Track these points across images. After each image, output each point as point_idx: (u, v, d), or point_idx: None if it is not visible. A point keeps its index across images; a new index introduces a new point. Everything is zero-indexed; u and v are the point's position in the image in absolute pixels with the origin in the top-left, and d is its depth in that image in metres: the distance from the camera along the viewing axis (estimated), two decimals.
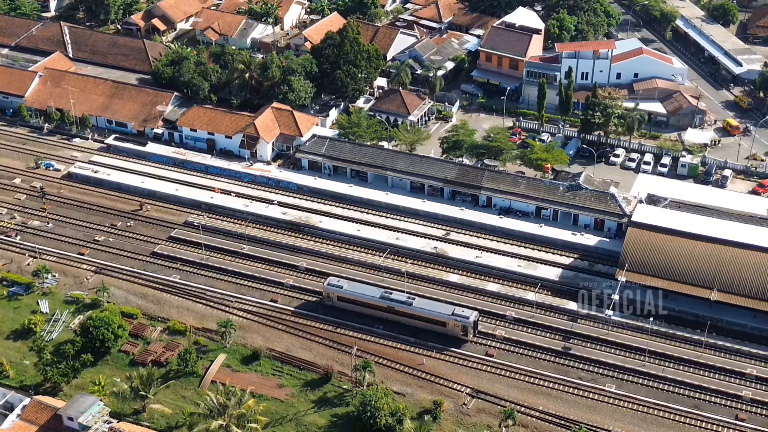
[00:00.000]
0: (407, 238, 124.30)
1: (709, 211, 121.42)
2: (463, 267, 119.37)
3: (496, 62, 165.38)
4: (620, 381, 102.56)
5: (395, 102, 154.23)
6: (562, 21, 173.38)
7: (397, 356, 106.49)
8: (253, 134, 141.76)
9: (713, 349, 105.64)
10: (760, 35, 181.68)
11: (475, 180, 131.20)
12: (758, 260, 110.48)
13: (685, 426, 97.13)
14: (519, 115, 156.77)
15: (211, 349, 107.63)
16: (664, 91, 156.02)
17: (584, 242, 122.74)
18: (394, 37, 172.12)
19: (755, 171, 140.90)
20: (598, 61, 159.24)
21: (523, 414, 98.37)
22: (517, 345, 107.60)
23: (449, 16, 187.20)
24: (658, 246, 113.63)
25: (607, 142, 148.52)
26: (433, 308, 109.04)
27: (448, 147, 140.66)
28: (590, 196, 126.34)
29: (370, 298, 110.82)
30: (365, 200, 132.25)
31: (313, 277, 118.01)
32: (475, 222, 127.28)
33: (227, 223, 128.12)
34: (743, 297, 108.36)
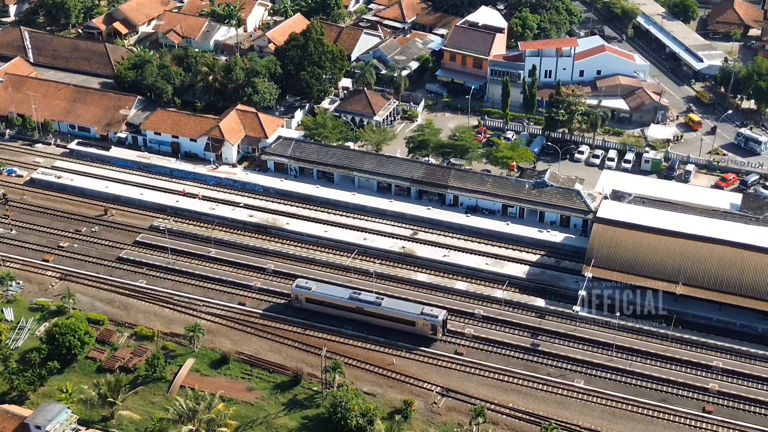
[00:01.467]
0: (375, 238, 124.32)
1: (672, 205, 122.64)
2: (431, 266, 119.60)
3: (460, 61, 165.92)
4: (589, 376, 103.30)
5: (360, 102, 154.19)
6: (524, 19, 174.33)
7: (366, 357, 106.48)
8: (218, 137, 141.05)
9: (679, 342, 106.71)
10: (720, 31, 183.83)
11: (441, 179, 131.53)
12: (722, 253, 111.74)
13: (654, 419, 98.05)
14: (484, 114, 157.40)
15: (179, 354, 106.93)
16: (626, 88, 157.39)
17: (551, 239, 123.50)
18: (358, 37, 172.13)
19: (717, 165, 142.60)
20: (561, 58, 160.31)
21: (493, 411, 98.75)
22: (486, 343, 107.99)
23: (413, 16, 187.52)
24: (623, 241, 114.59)
25: (571, 139, 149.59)
26: (401, 308, 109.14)
27: (414, 146, 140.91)
28: (556, 193, 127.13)
29: (338, 299, 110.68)
30: (332, 201, 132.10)
31: (281, 279, 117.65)
32: (442, 221, 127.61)
33: (193, 226, 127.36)
34: (708, 290, 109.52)
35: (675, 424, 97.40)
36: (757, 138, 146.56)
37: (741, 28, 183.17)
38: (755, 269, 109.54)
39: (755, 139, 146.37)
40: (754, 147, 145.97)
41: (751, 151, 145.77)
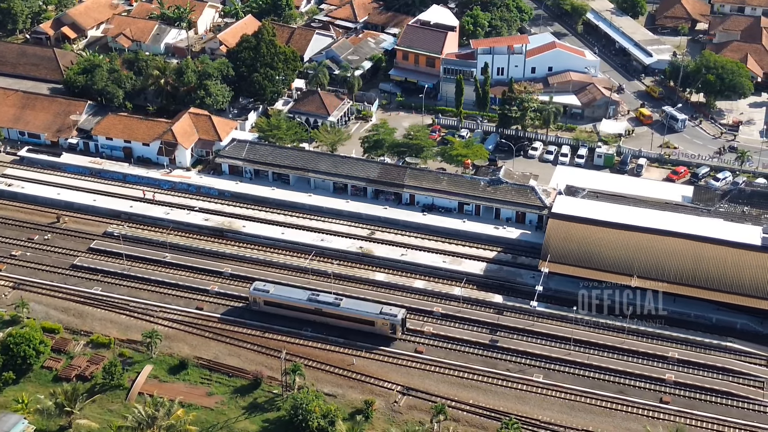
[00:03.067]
0: (332, 239, 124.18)
1: (626, 199, 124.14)
2: (389, 265, 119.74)
3: (413, 60, 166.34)
4: (547, 370, 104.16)
5: (314, 103, 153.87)
6: (476, 17, 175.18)
7: (326, 358, 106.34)
8: (171, 140, 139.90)
9: (635, 334, 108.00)
10: (668, 26, 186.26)
11: (397, 178, 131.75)
12: (675, 246, 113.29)
13: (612, 411, 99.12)
14: (438, 112, 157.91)
15: (137, 361, 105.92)
16: (578, 84, 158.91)
17: (507, 235, 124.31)
18: (310, 38, 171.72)
19: (668, 159, 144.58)
20: (512, 56, 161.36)
21: (454, 408, 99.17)
22: (446, 340, 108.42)
23: (364, 16, 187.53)
24: (578, 236, 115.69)
25: (524, 135, 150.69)
26: (360, 308, 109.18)
27: (369, 146, 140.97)
28: (510, 190, 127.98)
29: (297, 301, 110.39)
30: (288, 203, 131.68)
31: (238, 283, 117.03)
32: (399, 220, 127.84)
33: (148, 231, 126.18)
34: (662, 282, 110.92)
35: (633, 415, 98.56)
36: (676, 116, 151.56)
37: (688, 22, 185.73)
38: (708, 260, 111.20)
39: (674, 117, 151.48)
40: (673, 124, 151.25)
41: (671, 127, 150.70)
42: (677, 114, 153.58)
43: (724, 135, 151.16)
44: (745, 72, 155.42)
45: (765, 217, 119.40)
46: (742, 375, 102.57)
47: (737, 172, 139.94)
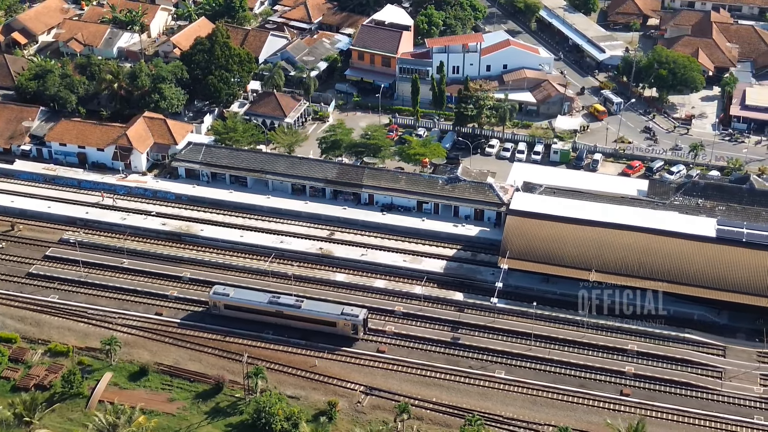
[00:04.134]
0: (292, 240, 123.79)
1: (582, 194, 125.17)
2: (349, 266, 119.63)
3: (369, 60, 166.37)
4: (509, 366, 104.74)
5: (270, 105, 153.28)
6: (430, 16, 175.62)
7: (288, 360, 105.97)
8: (126, 145, 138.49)
9: (595, 328, 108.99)
10: (620, 22, 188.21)
11: (355, 178, 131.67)
12: (632, 239, 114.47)
13: (574, 405, 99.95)
14: (394, 112, 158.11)
15: (96, 369, 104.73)
16: (532, 81, 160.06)
17: (466, 233, 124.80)
18: (265, 39, 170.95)
19: (623, 153, 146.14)
20: (467, 54, 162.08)
21: (418, 407, 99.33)
22: (408, 339, 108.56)
23: (319, 17, 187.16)
24: (536, 232, 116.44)
25: (481, 133, 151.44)
26: (322, 309, 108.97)
27: (326, 147, 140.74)
28: (469, 188, 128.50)
29: (257, 304, 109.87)
30: (246, 205, 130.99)
31: (198, 287, 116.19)
32: (358, 220, 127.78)
33: (105, 237, 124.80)
34: (620, 276, 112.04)
35: (594, 408, 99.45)
36: (612, 99, 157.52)
37: (640, 18, 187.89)
38: (664, 253, 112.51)
39: (610, 100, 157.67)
40: (609, 107, 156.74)
41: (609, 111, 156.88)
42: (613, 97, 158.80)
43: (678, 129, 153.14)
44: (696, 66, 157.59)
45: (719, 209, 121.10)
46: (700, 365, 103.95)
47: (691, 165, 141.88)
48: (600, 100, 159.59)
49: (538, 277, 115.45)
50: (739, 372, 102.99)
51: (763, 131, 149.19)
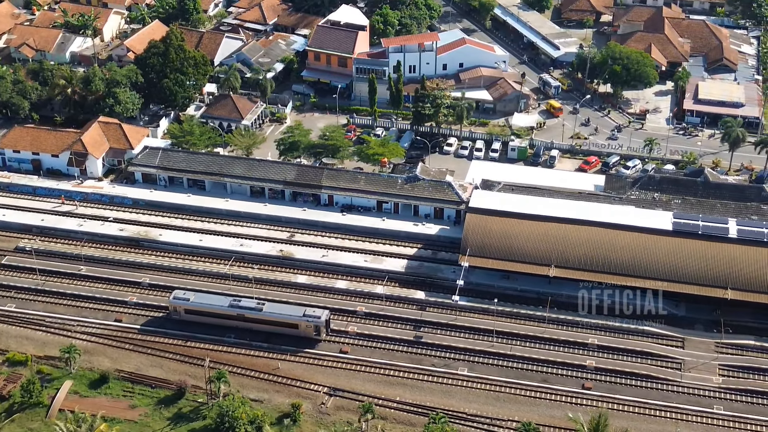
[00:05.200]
0: (251, 243, 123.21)
1: (540, 191, 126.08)
2: (310, 267, 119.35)
3: (325, 61, 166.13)
4: (472, 363, 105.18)
5: (227, 107, 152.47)
6: (385, 16, 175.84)
7: (251, 363, 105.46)
8: (81, 151, 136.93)
9: (556, 323, 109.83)
10: (573, 18, 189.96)
11: (314, 179, 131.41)
12: (590, 234, 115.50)
13: (537, 400, 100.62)
14: (352, 112, 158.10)
15: (56, 377, 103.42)
16: (488, 79, 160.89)
17: (426, 232, 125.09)
18: (220, 41, 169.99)
19: (580, 149, 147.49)
20: (423, 53, 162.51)
21: (382, 406, 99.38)
22: (370, 339, 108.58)
23: (274, 18, 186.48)
24: (496, 229, 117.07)
25: (439, 132, 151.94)
26: (283, 311, 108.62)
27: (284, 149, 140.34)
28: (428, 187, 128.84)
29: (218, 308, 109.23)
30: (205, 209, 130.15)
31: (157, 292, 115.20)
32: (318, 221, 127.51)
33: (62, 245, 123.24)
34: (579, 271, 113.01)
35: (557, 403, 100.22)
36: (551, 82, 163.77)
37: (593, 14, 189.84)
38: (622, 247, 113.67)
39: (548, 83, 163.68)
40: (547, 90, 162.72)
41: (546, 93, 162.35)
42: (551, 80, 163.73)
43: (632, 124, 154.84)
44: (649, 62, 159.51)
45: (675, 202, 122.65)
46: (660, 357, 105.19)
47: (646, 159, 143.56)
48: (539, 83, 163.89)
49: (498, 274, 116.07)
50: (697, 363, 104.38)
51: (716, 124, 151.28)
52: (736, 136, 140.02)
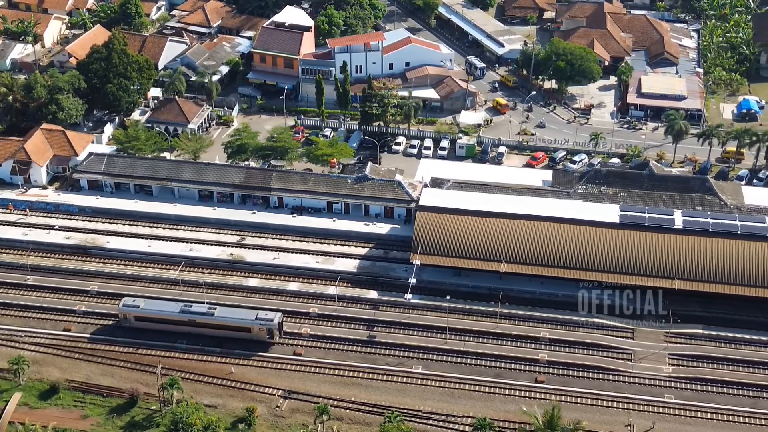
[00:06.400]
0: (201, 248, 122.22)
1: (489, 187, 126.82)
2: (261, 270, 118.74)
3: (271, 62, 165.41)
4: (426, 361, 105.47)
5: (172, 111, 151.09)
6: (330, 17, 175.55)
7: (204, 369, 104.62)
8: (24, 159, 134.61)
9: (508, 318, 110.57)
10: (517, 16, 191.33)
11: (263, 182, 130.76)
12: (539, 229, 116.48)
13: (491, 395, 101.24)
14: (300, 113, 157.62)
15: (4, 389, 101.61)
16: (435, 78, 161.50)
17: (377, 231, 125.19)
18: (163, 45, 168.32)
19: (527, 145, 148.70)
20: (369, 53, 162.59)
21: (337, 407, 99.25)
22: (324, 340, 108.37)
23: (218, 20, 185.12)
24: (447, 226, 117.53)
25: (387, 131, 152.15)
26: (235, 315, 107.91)
27: (232, 151, 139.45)
28: (378, 186, 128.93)
29: (169, 314, 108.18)
30: (153, 214, 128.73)
31: (107, 300, 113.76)
32: (268, 224, 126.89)
33: (6, 254, 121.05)
34: (529, 265, 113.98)
35: (511, 397, 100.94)
36: (476, 64, 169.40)
37: (536, 11, 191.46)
38: (570, 240, 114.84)
39: (474, 65, 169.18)
40: (474, 72, 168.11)
41: (473, 75, 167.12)
42: (477, 63, 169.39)
43: (578, 119, 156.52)
44: (593, 57, 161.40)
45: (621, 195, 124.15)
46: (611, 349, 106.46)
47: (592, 154, 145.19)
48: (466, 66, 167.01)
49: (450, 271, 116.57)
50: (648, 353, 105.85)
51: (659, 118, 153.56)
52: (679, 128, 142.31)
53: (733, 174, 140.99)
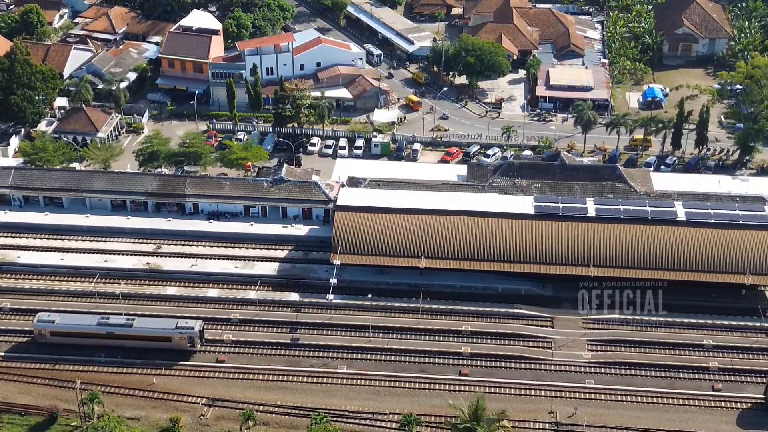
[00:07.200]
0: (117, 258, 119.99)
1: (406, 184, 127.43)
2: (180, 278, 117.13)
3: (180, 67, 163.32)
4: (350, 360, 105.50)
5: (80, 120, 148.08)
6: (238, 19, 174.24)
7: (125, 381, 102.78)
8: None
9: (429, 313, 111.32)
10: (425, 13, 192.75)
11: (178, 188, 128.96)
12: (456, 224, 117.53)
13: (416, 391, 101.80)
14: (212, 118, 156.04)
15: None
16: (347, 77, 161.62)
17: (296, 233, 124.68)
18: (68, 53, 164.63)
19: (441, 141, 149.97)
20: (280, 55, 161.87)
21: (263, 412, 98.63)
22: (247, 345, 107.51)
23: (123, 26, 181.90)
24: (365, 225, 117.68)
25: (302, 132, 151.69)
26: (155, 325, 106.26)
27: (144, 159, 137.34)
28: (294, 188, 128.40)
29: (86, 328, 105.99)
30: (64, 227, 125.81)
31: (20, 317, 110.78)
32: (185, 231, 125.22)
33: None
34: (448, 260, 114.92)
35: (436, 391, 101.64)
36: (373, 51, 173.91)
37: (444, 8, 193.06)
38: (488, 233, 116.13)
39: (371, 52, 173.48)
40: (370, 59, 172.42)
41: (371, 63, 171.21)
42: (373, 50, 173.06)
43: (489, 113, 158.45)
44: (501, 51, 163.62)
45: (535, 186, 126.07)
46: (531, 338, 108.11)
47: (505, 147, 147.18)
48: (369, 56, 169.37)
49: (371, 270, 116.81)
50: (567, 340, 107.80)
51: (568, 109, 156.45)
52: (588, 118, 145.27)
53: (642, 161, 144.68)
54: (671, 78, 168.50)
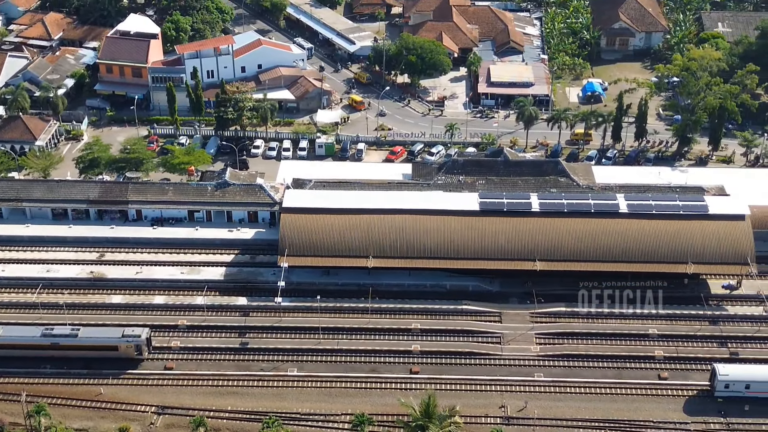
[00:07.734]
0: (59, 268, 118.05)
1: (352, 184, 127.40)
2: (125, 286, 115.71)
3: (118, 72, 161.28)
4: (300, 363, 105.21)
5: (18, 129, 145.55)
6: (177, 23, 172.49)
7: (71, 392, 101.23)
8: None
9: (379, 313, 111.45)
10: (365, 12, 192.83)
11: (120, 195, 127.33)
12: (403, 222, 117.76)
13: (368, 390, 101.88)
14: (152, 123, 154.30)
15: None
16: (289, 78, 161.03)
17: (242, 236, 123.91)
18: (3, 61, 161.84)
19: (385, 140, 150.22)
20: (220, 57, 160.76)
21: (214, 418, 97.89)
22: (195, 351, 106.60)
23: (59, 32, 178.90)
24: (312, 226, 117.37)
25: (245, 135, 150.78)
26: (100, 335, 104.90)
27: (84, 166, 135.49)
28: (239, 191, 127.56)
29: (29, 340, 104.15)
30: (4, 238, 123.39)
31: None
32: (128, 238, 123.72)
33: None
34: (395, 259, 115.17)
35: (388, 390, 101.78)
36: (303, 45, 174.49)
37: (384, 7, 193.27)
38: (434, 231, 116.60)
39: (302, 46, 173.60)
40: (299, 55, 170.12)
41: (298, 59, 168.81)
42: (304, 43, 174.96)
43: (432, 111, 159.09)
44: (442, 50, 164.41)
45: (479, 183, 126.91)
46: (480, 334, 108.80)
47: (449, 144, 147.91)
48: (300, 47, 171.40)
49: (318, 271, 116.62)
50: (516, 335, 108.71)
51: (509, 105, 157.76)
52: (529, 114, 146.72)
53: (583, 155, 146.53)
54: (610, 72, 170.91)
